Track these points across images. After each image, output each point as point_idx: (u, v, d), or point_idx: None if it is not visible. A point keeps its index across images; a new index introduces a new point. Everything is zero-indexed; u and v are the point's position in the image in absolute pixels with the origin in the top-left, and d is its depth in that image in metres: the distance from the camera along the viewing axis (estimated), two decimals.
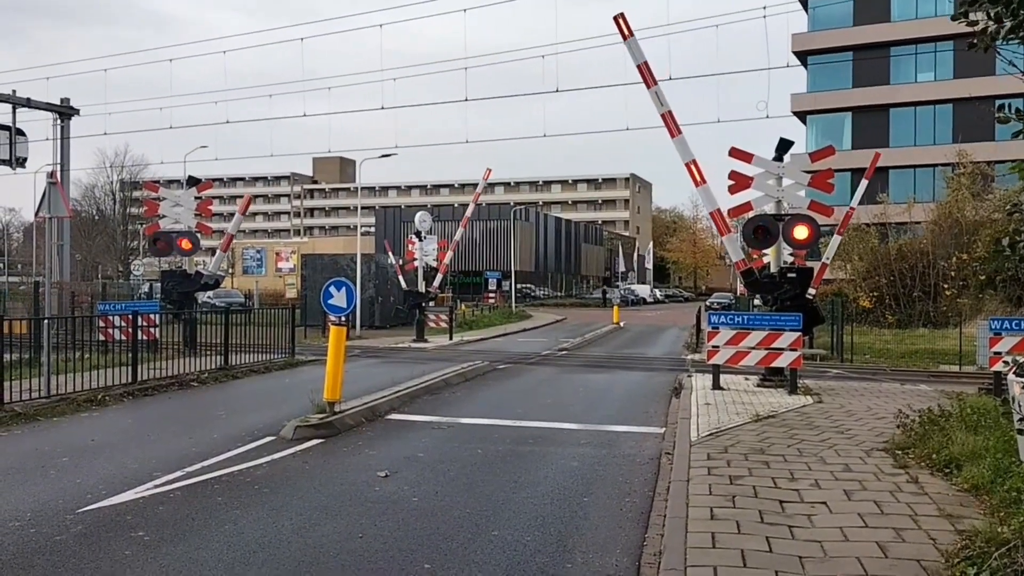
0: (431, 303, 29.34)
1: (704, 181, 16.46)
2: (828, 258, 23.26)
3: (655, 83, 16.21)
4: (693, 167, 16.36)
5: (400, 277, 30.35)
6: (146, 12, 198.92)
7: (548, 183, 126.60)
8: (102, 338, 16.98)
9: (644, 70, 16.25)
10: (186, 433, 10.61)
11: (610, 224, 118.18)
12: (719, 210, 16.54)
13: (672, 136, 16.18)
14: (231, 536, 6.43)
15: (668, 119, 16.18)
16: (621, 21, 16.06)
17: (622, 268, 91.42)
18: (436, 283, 29.07)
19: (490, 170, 31.46)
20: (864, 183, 24.12)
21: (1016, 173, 6.30)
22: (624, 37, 16.11)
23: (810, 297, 15.46)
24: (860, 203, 40.00)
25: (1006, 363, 13.10)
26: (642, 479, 8.42)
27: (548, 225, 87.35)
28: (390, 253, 33.42)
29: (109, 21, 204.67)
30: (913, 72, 50.25)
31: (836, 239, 24.20)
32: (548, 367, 20.22)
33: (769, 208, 15.57)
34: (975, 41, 6.00)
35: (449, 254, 31.25)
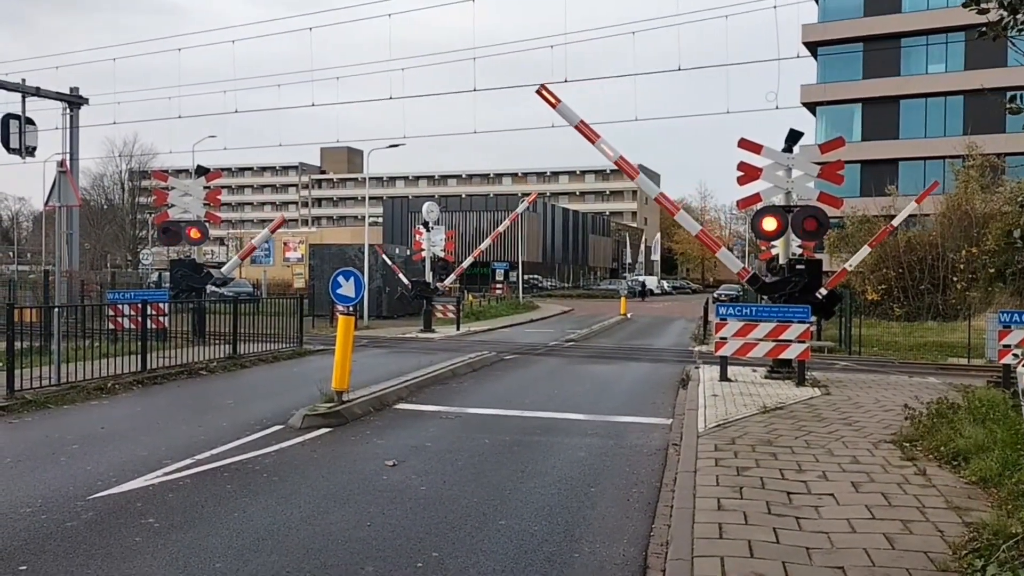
0: (438, 295, 29.42)
1: (678, 208, 16.82)
2: (851, 265, 22.94)
3: (598, 137, 16.31)
4: (663, 199, 16.77)
5: (400, 275, 30.50)
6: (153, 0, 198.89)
7: (556, 174, 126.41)
8: (111, 327, 17.07)
9: (583, 128, 16.31)
10: (195, 421, 10.67)
11: (618, 215, 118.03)
12: (703, 230, 16.93)
13: (632, 178, 16.60)
14: (240, 523, 6.47)
15: (623, 164, 16.38)
16: (545, 92, 16.06)
17: (629, 259, 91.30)
18: (448, 281, 29.34)
19: (536, 193, 31.70)
20: (913, 204, 23.83)
21: None
22: (553, 106, 16.09)
23: (820, 296, 15.41)
24: (868, 195, 39.99)
25: (1015, 356, 13.13)
26: (649, 470, 8.43)
27: (555, 216, 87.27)
28: (384, 256, 32.79)
29: (115, 8, 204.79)
30: (924, 63, 49.97)
31: (865, 250, 23.99)
32: (555, 358, 20.23)
33: (778, 199, 15.53)
34: (985, 30, 5.96)
35: (470, 259, 31.60)
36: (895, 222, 24.17)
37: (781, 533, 5.89)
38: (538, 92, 16.16)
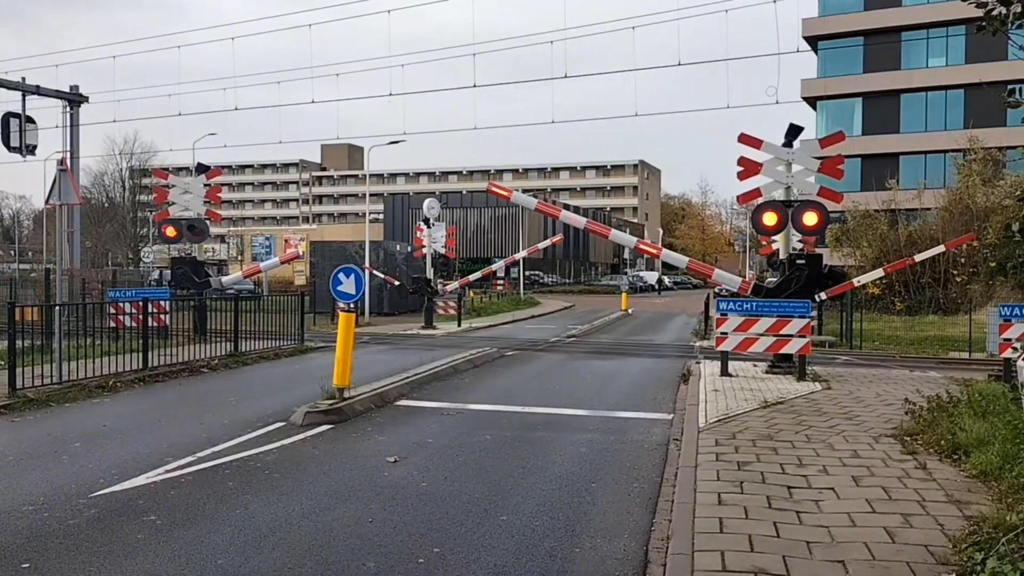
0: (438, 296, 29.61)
1: (660, 250, 18.10)
2: (859, 281, 22.92)
3: (559, 210, 17.89)
4: (645, 247, 18.45)
5: (393, 281, 31.01)
6: None
7: (556, 170, 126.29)
8: (113, 325, 17.08)
9: (543, 207, 18.02)
10: (197, 419, 10.68)
11: (619, 211, 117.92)
12: (692, 260, 17.91)
13: (605, 237, 17.72)
14: (242, 520, 6.49)
15: (593, 227, 17.79)
16: (496, 188, 17.20)
17: (630, 255, 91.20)
18: (450, 288, 29.73)
19: (561, 237, 32.57)
20: (942, 248, 24.06)
21: None
22: (506, 198, 17.20)
23: (820, 299, 15.53)
24: (869, 189, 39.97)
25: (1015, 350, 13.10)
26: (650, 465, 8.44)
27: None
28: (377, 273, 32.59)
29: (114, 6, 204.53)
30: (925, 57, 49.91)
31: (879, 272, 24.09)
32: (556, 353, 20.25)
33: (778, 194, 15.52)
34: (984, 24, 5.95)
35: (478, 275, 32.71)
36: (918, 257, 24.28)
37: (781, 527, 5.90)
38: (489, 190, 17.45)
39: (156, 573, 5.38)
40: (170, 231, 21.88)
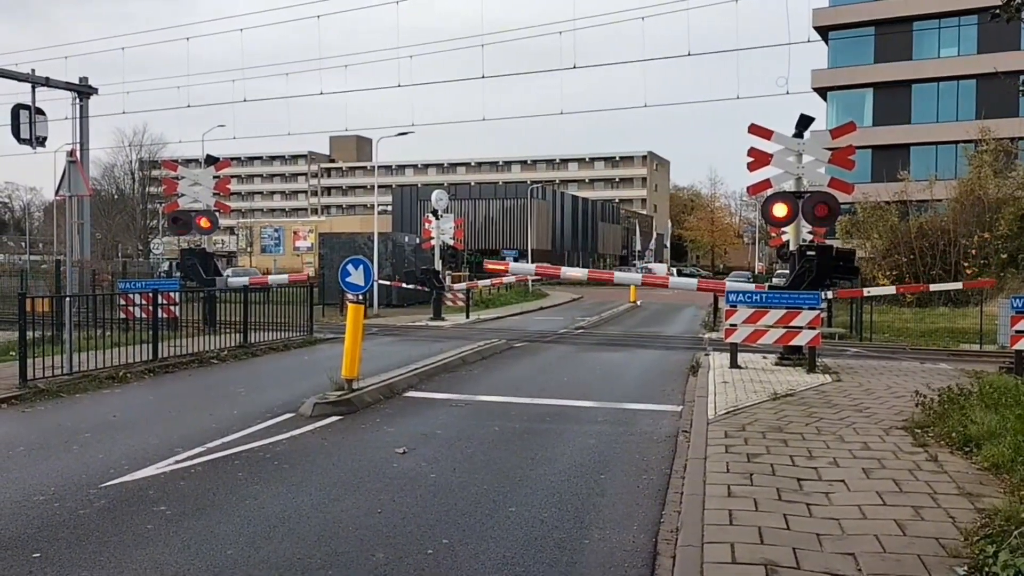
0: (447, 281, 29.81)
1: (668, 278, 20.32)
2: (869, 292, 22.95)
3: (560, 269, 21.07)
4: (651, 280, 20.64)
5: (404, 285, 31.55)
6: None
7: (565, 161, 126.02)
8: (123, 316, 17.15)
9: (543, 270, 21.92)
10: (206, 410, 10.71)
11: (627, 202, 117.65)
12: (702, 280, 20.29)
13: (610, 282, 20.27)
14: (252, 511, 6.51)
15: (595, 275, 22.60)
16: (491, 265, 21.16)
17: (639, 246, 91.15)
18: (457, 287, 29.94)
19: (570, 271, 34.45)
20: (959, 285, 24.28)
21: None
22: (503, 272, 20.93)
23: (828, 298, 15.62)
24: (880, 180, 39.77)
25: None
26: (659, 457, 8.43)
27: (565, 203, 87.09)
28: (384, 282, 32.80)
29: None
30: (936, 47, 49.49)
31: (891, 289, 24.15)
32: (565, 345, 20.23)
33: (789, 185, 15.45)
34: (999, 11, 5.90)
35: (488, 282, 33.02)
36: (934, 287, 24.36)
37: (791, 519, 5.88)
38: (486, 269, 21.10)
39: (166, 563, 5.40)
40: (180, 223, 21.93)
